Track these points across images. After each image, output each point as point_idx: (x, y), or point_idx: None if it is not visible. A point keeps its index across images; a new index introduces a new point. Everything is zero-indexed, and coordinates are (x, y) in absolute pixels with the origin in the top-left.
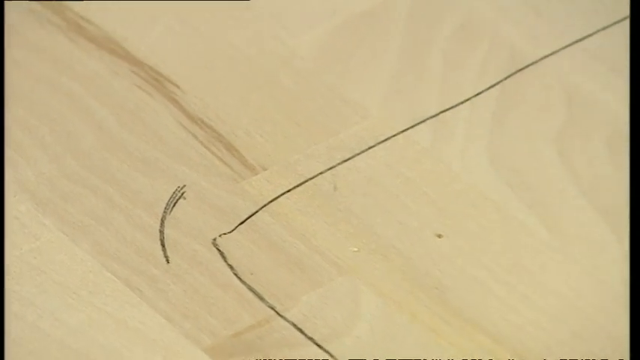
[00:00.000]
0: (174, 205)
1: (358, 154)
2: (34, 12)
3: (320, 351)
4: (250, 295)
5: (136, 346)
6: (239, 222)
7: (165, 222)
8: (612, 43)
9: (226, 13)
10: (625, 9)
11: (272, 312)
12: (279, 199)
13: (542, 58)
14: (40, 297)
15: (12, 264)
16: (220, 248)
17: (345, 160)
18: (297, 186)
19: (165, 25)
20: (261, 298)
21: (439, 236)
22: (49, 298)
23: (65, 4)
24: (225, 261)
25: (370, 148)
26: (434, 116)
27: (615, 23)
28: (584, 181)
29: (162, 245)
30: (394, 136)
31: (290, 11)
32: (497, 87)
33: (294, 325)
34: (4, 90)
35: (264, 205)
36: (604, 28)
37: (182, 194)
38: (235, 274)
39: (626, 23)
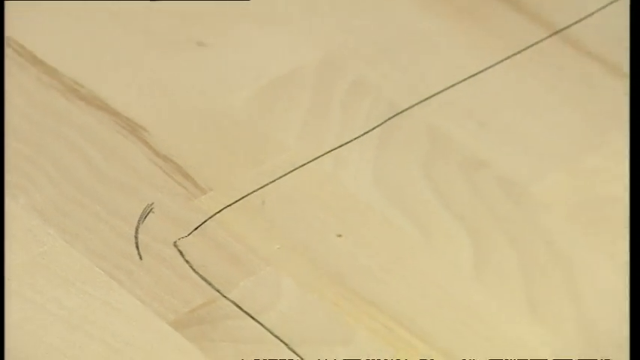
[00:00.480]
0: (145, 218)
1: (280, 177)
2: (40, 79)
3: (254, 322)
4: (202, 282)
5: (118, 321)
6: (193, 228)
7: (139, 230)
8: (463, 94)
9: (183, 77)
10: (472, 68)
11: (218, 294)
12: (222, 212)
13: (411, 106)
14: (46, 287)
15: (26, 263)
16: (180, 248)
17: (271, 182)
18: (236, 202)
19: (137, 86)
20: (210, 284)
21: (339, 236)
22: (54, 287)
23: (63, 74)
24: (183, 257)
25: (288, 173)
26: (334, 149)
27: (466, 79)
28: (444, 194)
29: (137, 247)
30: (306, 164)
31: (228, 76)
32: (379, 127)
33: (235, 303)
34: (5, 125)
35: (212, 216)
36: (457, 83)
37: (151, 209)
38: (191, 267)
39: (477, 77)
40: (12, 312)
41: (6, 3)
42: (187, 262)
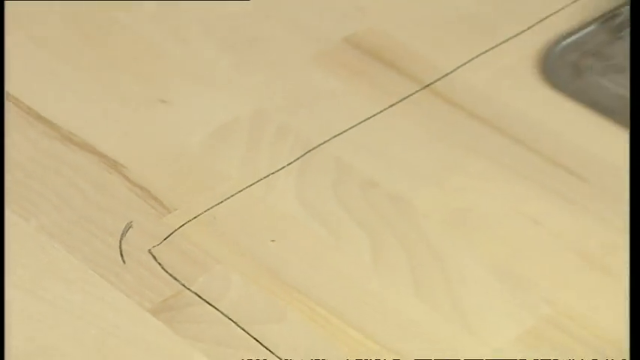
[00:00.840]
0: (126, 232)
1: (226, 199)
2: (44, 132)
3: (211, 308)
4: (171, 279)
5: (109, 310)
6: (163, 239)
7: (122, 241)
8: (360, 133)
9: (151, 127)
10: (366, 114)
11: (183, 287)
12: (184, 226)
13: (321, 144)
14: (54, 287)
15: (37, 270)
16: (153, 254)
17: (219, 203)
18: (194, 218)
19: (117, 134)
20: (177, 280)
21: (272, 241)
22: (59, 287)
23: (61, 127)
24: (156, 261)
25: (232, 195)
26: (266, 177)
27: (361, 122)
28: (348, 208)
29: (121, 254)
30: (245, 189)
31: (184, 125)
32: (299, 160)
33: (196, 294)
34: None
35: (176, 229)
36: (355, 125)
37: (130, 226)
38: (162, 268)
39: (369, 120)
40: (27, 307)
41: (15, 75)
42: (159, 264)
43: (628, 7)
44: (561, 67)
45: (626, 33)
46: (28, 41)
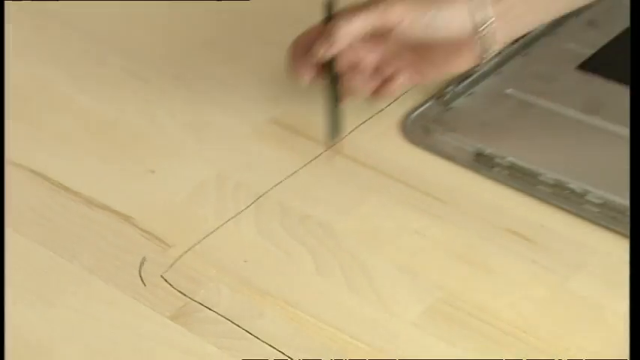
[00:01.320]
0: (143, 264)
1: (208, 235)
2: (71, 199)
3: (211, 312)
4: (179, 294)
5: (139, 319)
6: (169, 266)
7: (141, 271)
8: (290, 183)
9: (144, 191)
10: (291, 169)
11: (189, 299)
12: (182, 256)
13: (267, 192)
14: (97, 306)
15: (84, 295)
16: (164, 277)
17: (204, 238)
18: (188, 250)
19: (126, 197)
20: (184, 294)
21: (245, 261)
22: (101, 306)
23: (83, 194)
24: (167, 282)
25: (211, 233)
26: (233, 217)
27: (289, 176)
28: (292, 233)
29: (142, 280)
30: (220, 227)
31: (168, 187)
32: (253, 204)
33: (200, 303)
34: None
35: (177, 259)
36: (286, 178)
37: (144, 259)
38: (172, 286)
39: (295, 174)
40: (79, 323)
41: (48, 160)
42: (170, 284)
43: (452, 87)
44: (415, 130)
45: (452, 104)
46: (52, 137)
